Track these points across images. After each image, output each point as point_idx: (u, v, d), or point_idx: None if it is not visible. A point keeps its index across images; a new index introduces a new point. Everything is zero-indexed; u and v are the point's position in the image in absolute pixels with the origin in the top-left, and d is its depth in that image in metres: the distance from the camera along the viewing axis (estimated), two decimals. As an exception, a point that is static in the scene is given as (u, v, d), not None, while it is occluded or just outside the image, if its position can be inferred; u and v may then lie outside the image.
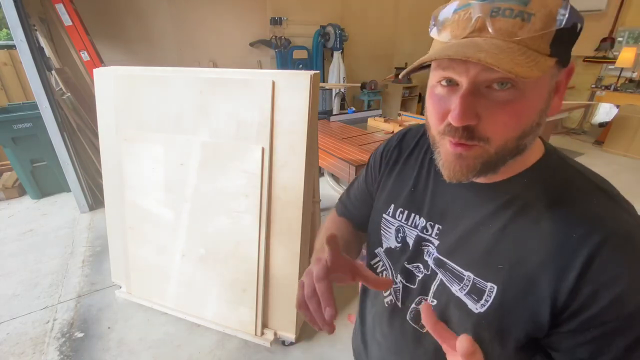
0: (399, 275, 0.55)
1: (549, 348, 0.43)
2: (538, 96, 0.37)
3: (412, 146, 0.58)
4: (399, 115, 3.61)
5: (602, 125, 5.25)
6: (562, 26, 0.34)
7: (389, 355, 0.59)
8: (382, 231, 0.58)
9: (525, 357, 0.45)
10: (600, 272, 0.37)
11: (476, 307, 0.44)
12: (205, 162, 1.59)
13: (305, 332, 1.79)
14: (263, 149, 1.47)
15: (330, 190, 3.58)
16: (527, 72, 0.33)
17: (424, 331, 0.52)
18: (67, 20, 2.84)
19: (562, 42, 0.35)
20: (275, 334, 1.68)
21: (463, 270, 0.46)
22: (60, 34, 3.03)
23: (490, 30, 0.34)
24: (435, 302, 0.50)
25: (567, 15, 0.33)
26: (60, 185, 3.34)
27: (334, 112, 4.61)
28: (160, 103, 1.61)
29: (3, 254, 2.50)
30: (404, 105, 6.03)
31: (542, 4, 0.34)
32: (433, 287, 0.50)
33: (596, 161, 4.38)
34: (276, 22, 4.60)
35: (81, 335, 1.82)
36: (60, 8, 2.79)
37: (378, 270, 0.60)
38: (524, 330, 0.42)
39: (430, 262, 0.51)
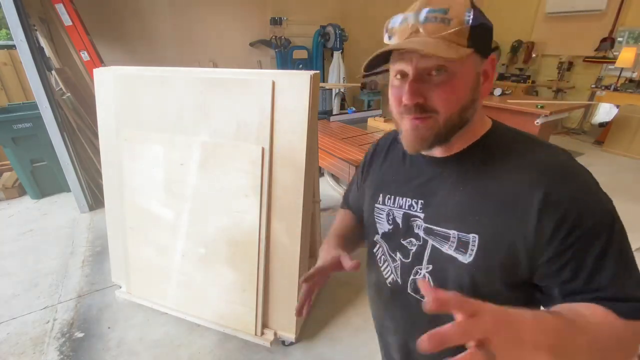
0: (397, 253, 0.63)
1: (542, 283, 0.50)
2: (465, 77, 0.49)
3: (387, 146, 0.70)
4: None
5: (602, 125, 5.25)
6: (469, 24, 0.46)
7: (402, 333, 0.66)
8: (376, 219, 0.67)
9: (523, 297, 0.52)
10: (558, 205, 0.46)
11: (465, 259, 0.52)
12: (205, 162, 1.59)
13: (305, 332, 1.79)
14: (263, 149, 1.47)
15: (330, 190, 3.58)
16: (447, 54, 0.45)
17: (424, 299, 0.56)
18: (67, 20, 2.84)
19: (477, 37, 0.47)
20: (275, 334, 1.68)
21: (448, 230, 0.54)
22: (60, 34, 3.03)
23: (422, 31, 0.47)
24: (430, 267, 0.57)
25: (471, 16, 0.46)
26: (60, 185, 3.34)
27: (334, 112, 4.61)
28: (160, 103, 1.61)
29: (3, 254, 2.50)
30: (404, 105, 6.01)
31: (457, 12, 0.46)
32: (426, 255, 0.58)
33: (596, 161, 4.38)
34: (276, 22, 4.60)
35: (81, 335, 1.82)
36: (60, 8, 2.80)
37: (378, 256, 0.67)
38: (505, 267, 0.50)
39: (421, 233, 0.58)
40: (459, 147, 0.55)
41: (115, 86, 1.69)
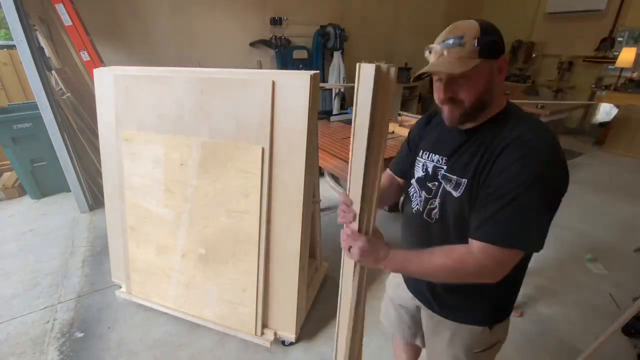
0: (423, 192, 0.90)
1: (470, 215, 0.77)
2: (479, 78, 0.72)
3: (431, 117, 0.98)
4: (399, 115, 3.61)
5: (602, 125, 5.24)
6: (479, 47, 0.69)
7: (414, 244, 0.95)
8: (414, 168, 0.94)
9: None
10: (503, 160, 0.71)
11: (456, 194, 0.80)
12: (205, 162, 1.59)
13: (305, 332, 1.79)
14: (263, 149, 1.47)
15: (330, 190, 3.57)
16: (460, 69, 0.69)
17: (432, 222, 0.87)
18: (67, 20, 2.84)
19: (485, 51, 0.69)
20: (275, 334, 1.68)
21: (453, 176, 0.81)
22: (60, 34, 3.03)
23: (445, 54, 0.71)
24: (438, 200, 0.85)
25: (477, 42, 0.69)
26: (60, 185, 3.34)
27: (334, 112, 4.61)
28: (160, 103, 1.61)
29: (3, 254, 2.50)
30: (404, 105, 6.02)
31: (469, 37, 0.69)
32: (439, 192, 0.85)
33: (596, 161, 4.38)
34: (276, 22, 4.59)
35: (81, 335, 1.82)
36: (60, 8, 2.79)
37: (410, 194, 0.95)
38: (472, 199, 0.76)
39: (440, 178, 0.85)
40: (480, 121, 0.78)
41: (115, 86, 1.69)
